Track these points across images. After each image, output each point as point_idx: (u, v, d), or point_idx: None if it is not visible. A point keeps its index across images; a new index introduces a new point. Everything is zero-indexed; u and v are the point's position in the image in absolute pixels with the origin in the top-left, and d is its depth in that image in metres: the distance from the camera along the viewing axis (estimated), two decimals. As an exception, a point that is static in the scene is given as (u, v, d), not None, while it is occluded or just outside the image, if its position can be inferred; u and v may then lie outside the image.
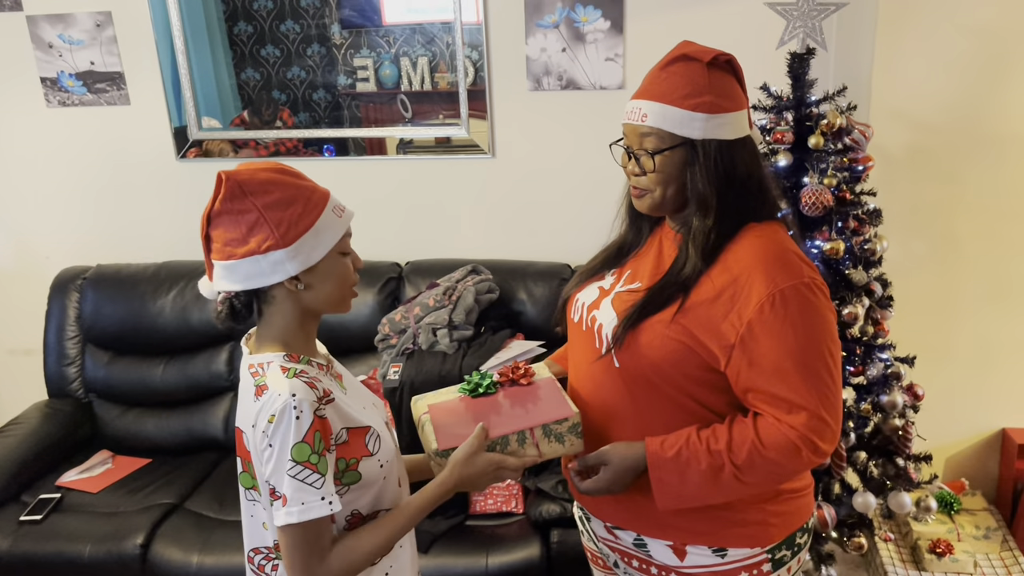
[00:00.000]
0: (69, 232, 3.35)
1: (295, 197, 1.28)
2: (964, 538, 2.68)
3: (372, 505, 1.38)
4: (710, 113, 1.38)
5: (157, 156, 3.21)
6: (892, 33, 2.48)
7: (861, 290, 2.24)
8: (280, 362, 1.30)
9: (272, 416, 1.23)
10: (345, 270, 1.35)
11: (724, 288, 1.36)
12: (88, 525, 2.58)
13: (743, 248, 1.38)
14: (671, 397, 1.43)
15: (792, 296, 1.33)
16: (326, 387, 1.30)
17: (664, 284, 1.42)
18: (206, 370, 3.04)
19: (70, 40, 3.09)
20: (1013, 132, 2.54)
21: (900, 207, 2.56)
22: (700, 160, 1.39)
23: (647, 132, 1.40)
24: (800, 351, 1.32)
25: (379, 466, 1.36)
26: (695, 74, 1.39)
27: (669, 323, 1.38)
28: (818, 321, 1.35)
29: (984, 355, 2.77)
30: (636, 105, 1.42)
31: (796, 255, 1.39)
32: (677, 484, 1.38)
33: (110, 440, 3.06)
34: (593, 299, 1.54)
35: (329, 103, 3.13)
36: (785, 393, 1.33)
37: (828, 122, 2.17)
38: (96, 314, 3.08)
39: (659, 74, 1.42)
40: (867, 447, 2.34)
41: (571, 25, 2.83)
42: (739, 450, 1.35)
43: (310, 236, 1.28)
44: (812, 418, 1.32)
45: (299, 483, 1.22)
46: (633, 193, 1.48)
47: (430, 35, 2.98)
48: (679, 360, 1.39)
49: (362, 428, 1.34)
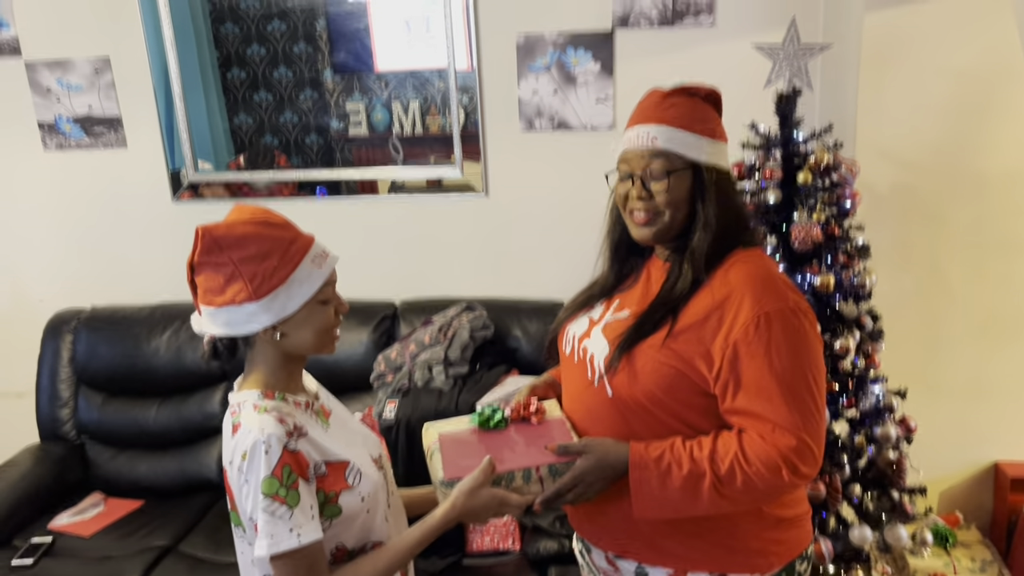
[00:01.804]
0: (64, 274, 3.35)
1: (271, 251, 1.31)
2: (960, 572, 2.68)
3: (358, 540, 1.39)
4: (712, 138, 1.45)
5: (153, 198, 3.24)
6: (874, 74, 2.55)
7: (852, 323, 2.27)
8: (254, 400, 1.34)
9: (244, 453, 1.27)
10: (323, 318, 1.36)
11: (712, 310, 1.39)
12: (80, 570, 2.54)
13: (731, 272, 1.42)
14: (665, 423, 1.44)
15: (777, 319, 1.36)
16: (297, 423, 1.33)
17: (657, 304, 1.45)
18: (200, 411, 3.03)
19: (68, 85, 3.13)
20: (994, 171, 2.60)
21: (888, 242, 2.61)
22: (706, 183, 1.44)
23: (657, 154, 1.43)
24: (784, 373, 1.35)
25: (360, 500, 1.37)
26: (697, 104, 1.47)
27: (660, 348, 1.40)
28: (803, 346, 1.37)
29: (975, 388, 2.79)
30: (643, 130, 1.45)
31: (783, 281, 1.43)
32: (657, 488, 1.38)
33: (102, 482, 3.03)
34: (583, 330, 1.56)
35: (321, 147, 3.17)
36: (768, 414, 1.35)
37: (815, 159, 2.22)
38: (90, 355, 3.07)
39: (662, 102, 1.47)
40: (862, 480, 2.35)
41: (562, 68, 2.90)
42: (722, 461, 1.36)
43: (284, 289, 1.31)
44: (794, 439, 1.34)
45: (268, 516, 1.25)
46: (638, 220, 1.47)
47: (423, 80, 3.04)
48: (671, 385, 1.41)
49: (341, 462, 1.36)
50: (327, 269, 1.35)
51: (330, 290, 1.37)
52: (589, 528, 1.61)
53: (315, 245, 1.36)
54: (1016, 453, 2.84)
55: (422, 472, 1.58)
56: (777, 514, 1.48)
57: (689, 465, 1.37)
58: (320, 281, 1.34)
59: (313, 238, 1.38)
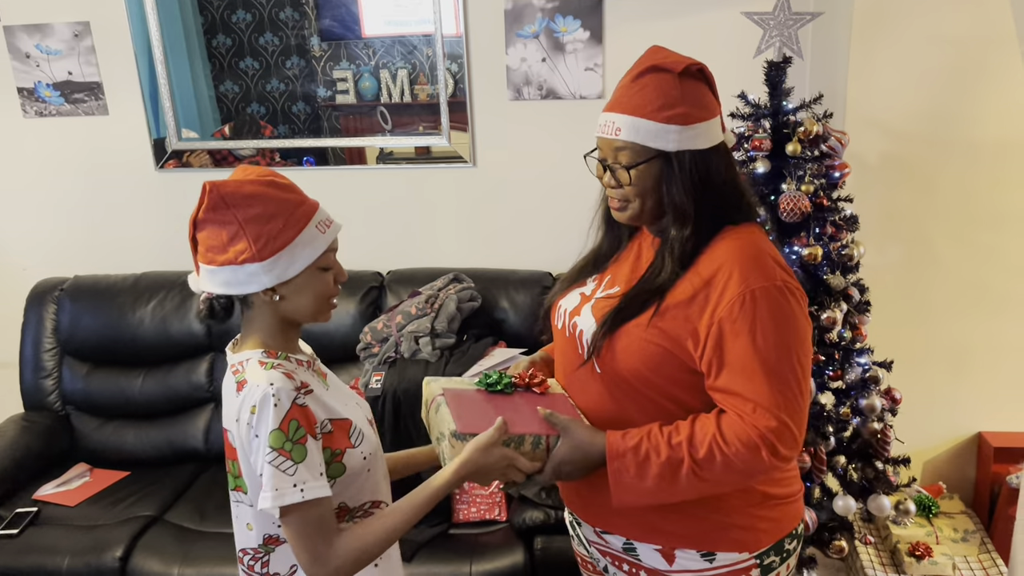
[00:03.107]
0: (46, 243, 3.32)
1: (277, 212, 1.30)
2: (943, 541, 2.71)
3: (358, 499, 1.40)
4: (684, 125, 1.37)
5: (136, 167, 3.20)
6: (866, 43, 2.53)
7: (839, 295, 2.27)
8: (258, 357, 1.34)
9: (253, 407, 1.27)
10: (323, 285, 1.36)
11: (699, 289, 1.37)
12: (66, 538, 2.54)
13: (719, 250, 1.39)
14: (654, 401, 1.43)
15: (763, 297, 1.33)
16: (303, 380, 1.33)
17: (639, 290, 1.43)
18: (186, 381, 3.02)
19: (48, 50, 3.08)
20: (984, 140, 2.59)
21: (876, 213, 2.60)
22: (675, 172, 1.39)
23: (621, 146, 1.40)
24: (768, 353, 1.32)
25: (362, 459, 1.39)
26: (667, 85, 1.38)
27: (646, 327, 1.38)
28: (789, 325, 1.34)
29: (960, 359, 2.81)
30: (609, 118, 1.42)
31: (772, 257, 1.39)
32: (635, 477, 1.36)
33: (88, 453, 3.03)
34: (575, 305, 1.55)
35: (308, 115, 3.13)
36: (750, 393, 1.32)
37: (805, 129, 2.20)
38: (74, 326, 3.05)
39: (630, 86, 1.41)
40: (846, 451, 2.36)
41: (551, 35, 2.86)
42: (700, 444, 1.33)
43: (287, 252, 1.30)
44: (774, 420, 1.31)
45: (273, 469, 1.25)
46: (612, 205, 1.48)
47: (410, 47, 2.99)
48: (659, 364, 1.39)
49: (344, 420, 1.37)
50: (330, 235, 1.35)
51: (331, 257, 1.37)
52: (578, 503, 1.61)
53: (320, 211, 1.36)
54: (999, 424, 2.86)
55: (407, 443, 1.58)
56: (766, 491, 1.47)
57: (667, 452, 1.34)
58: (323, 247, 1.33)
59: (318, 204, 1.37)
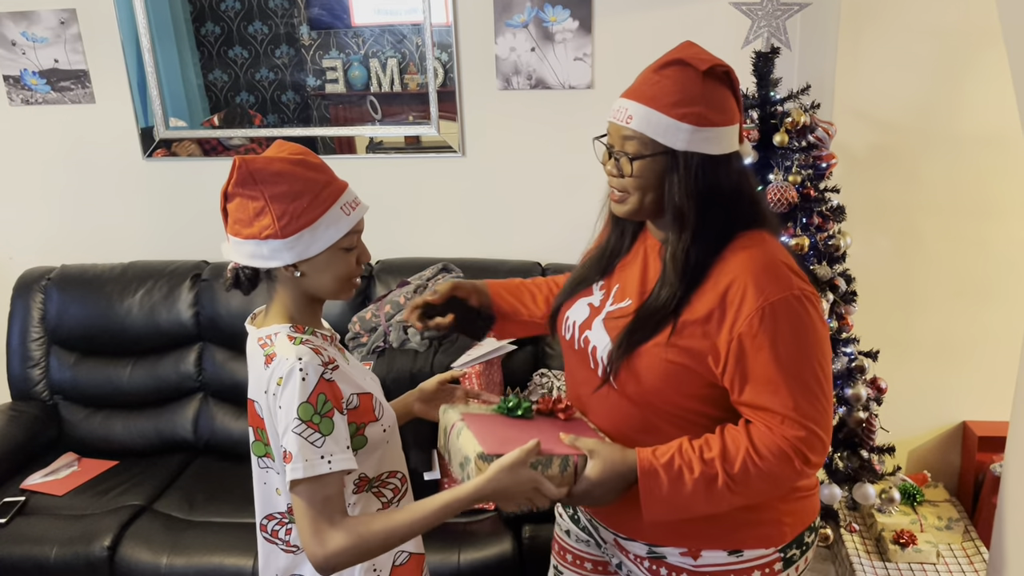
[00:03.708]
0: (33, 232, 3.30)
1: (303, 191, 1.32)
2: (927, 529, 2.73)
3: (377, 468, 1.45)
4: (697, 125, 1.33)
5: (123, 156, 3.18)
6: (854, 33, 2.53)
7: (826, 285, 2.28)
8: (287, 332, 1.37)
9: (280, 379, 1.30)
10: (344, 265, 1.38)
11: (715, 304, 1.33)
12: (54, 528, 2.54)
13: (731, 262, 1.35)
14: (676, 415, 1.41)
15: (782, 309, 1.31)
16: (331, 355, 1.36)
17: (652, 308, 1.39)
18: (175, 371, 3.02)
19: (33, 38, 3.06)
20: (970, 131, 2.60)
21: (863, 204, 2.61)
22: (680, 172, 1.34)
23: (630, 135, 1.36)
24: (790, 364, 1.31)
25: (382, 431, 1.43)
26: (689, 81, 1.34)
27: (665, 346, 1.35)
28: (809, 334, 1.32)
29: (945, 349, 2.83)
30: (623, 105, 1.37)
31: (786, 266, 1.36)
32: (668, 493, 1.34)
33: (76, 442, 3.02)
34: (584, 318, 1.51)
35: (298, 104, 3.12)
36: (777, 406, 1.31)
37: (792, 120, 2.21)
38: (61, 315, 3.04)
39: (651, 76, 1.37)
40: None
41: (540, 25, 2.86)
42: (734, 459, 1.32)
43: (309, 231, 1.32)
44: (803, 430, 1.31)
45: (302, 441, 1.27)
46: (612, 196, 1.44)
47: (399, 36, 2.98)
48: (680, 381, 1.37)
49: (367, 394, 1.41)
50: (355, 218, 1.36)
51: (355, 238, 1.38)
52: (600, 509, 1.56)
53: (347, 192, 1.38)
54: (984, 413, 2.88)
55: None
56: (793, 485, 1.44)
57: (701, 467, 1.32)
58: (346, 228, 1.35)
59: (346, 185, 1.39)
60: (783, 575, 1.50)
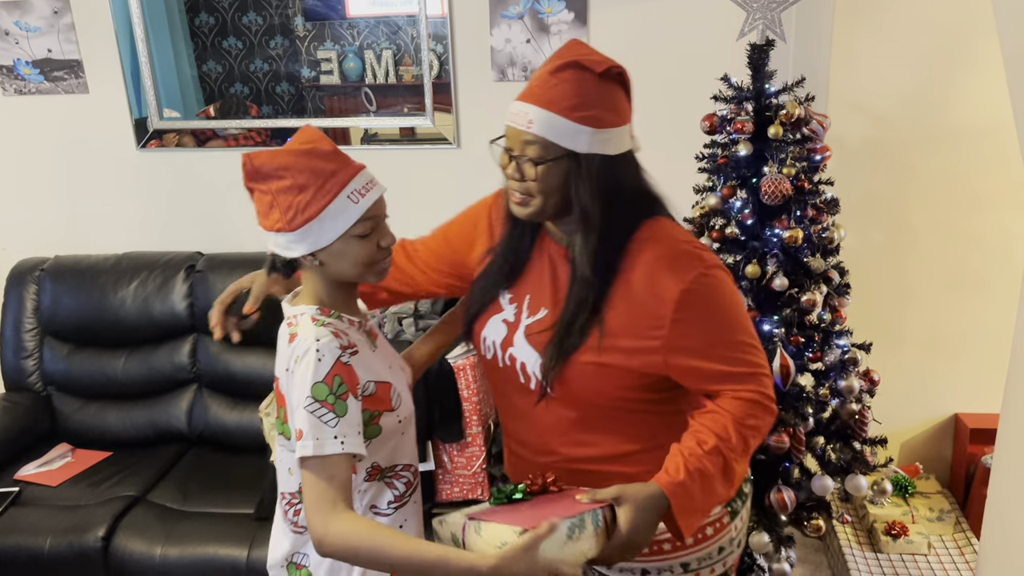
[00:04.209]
0: (26, 223, 3.29)
1: (306, 184, 1.32)
2: (918, 520, 2.75)
3: (389, 459, 1.46)
4: (596, 128, 1.34)
5: (117, 146, 3.17)
6: (849, 26, 2.53)
7: (819, 277, 2.28)
8: (312, 314, 1.39)
9: (297, 357, 1.33)
10: (361, 251, 1.36)
11: (635, 299, 1.37)
12: (48, 518, 2.54)
13: (640, 254, 1.39)
14: (616, 408, 1.45)
15: (701, 287, 1.37)
16: (352, 340, 1.38)
17: (572, 315, 1.40)
18: (169, 362, 3.02)
19: (27, 27, 3.04)
20: (965, 124, 2.61)
21: (857, 197, 2.62)
22: (583, 174, 1.36)
23: (531, 140, 1.35)
24: (725, 332, 1.39)
25: (397, 421, 1.44)
26: (586, 84, 1.35)
27: (598, 351, 1.38)
28: (728, 298, 1.41)
29: (938, 342, 2.84)
30: (522, 109, 1.36)
31: (689, 244, 1.42)
32: (701, 501, 1.35)
33: (70, 433, 3.02)
34: (503, 336, 1.50)
35: (292, 96, 3.11)
36: (731, 368, 1.39)
37: (787, 112, 2.21)
38: (55, 306, 3.04)
39: (548, 79, 1.36)
40: (825, 432, 2.39)
41: (535, 16, 2.85)
42: (729, 437, 1.36)
43: (316, 223, 1.32)
44: (757, 379, 1.40)
45: (315, 419, 1.29)
46: (512, 199, 1.42)
47: (395, 27, 2.98)
48: (617, 379, 1.41)
49: (386, 383, 1.42)
50: (363, 205, 1.34)
51: (369, 224, 1.36)
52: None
53: (356, 179, 1.35)
54: (976, 405, 2.90)
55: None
56: None
57: (712, 461, 1.34)
58: (354, 217, 1.34)
59: (358, 171, 1.37)
60: (731, 526, 1.56)
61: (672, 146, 2.89)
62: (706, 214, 2.37)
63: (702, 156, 2.39)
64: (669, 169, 2.82)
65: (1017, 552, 1.53)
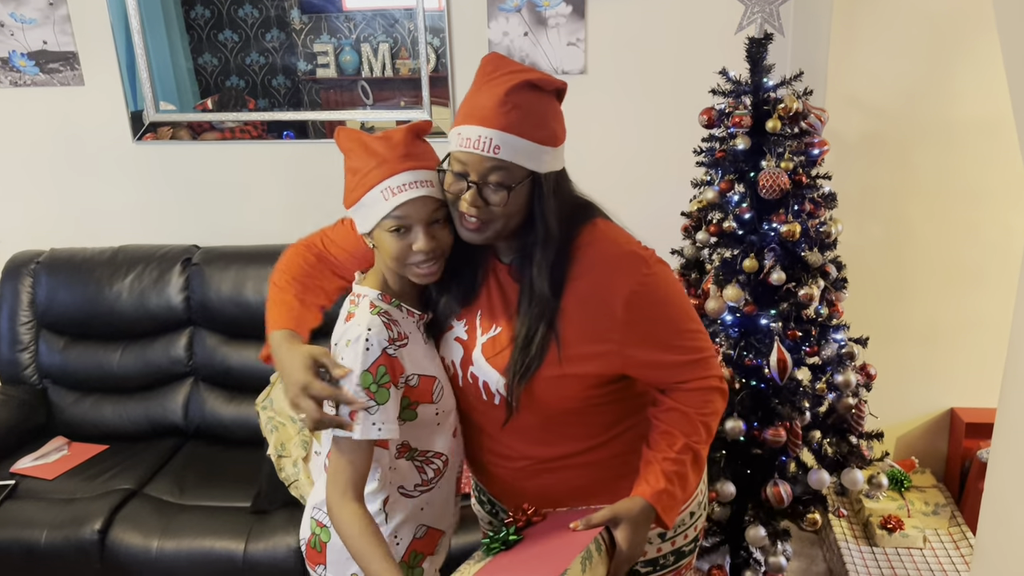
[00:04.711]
0: (22, 215, 3.28)
1: (356, 169, 1.39)
2: (914, 514, 2.76)
3: (422, 443, 1.49)
4: (553, 146, 1.36)
5: (112, 139, 3.16)
6: (847, 20, 2.53)
7: (816, 272, 2.29)
8: (372, 298, 1.43)
9: (348, 341, 1.38)
10: (394, 247, 1.38)
11: (586, 307, 1.39)
12: (44, 511, 2.54)
13: (583, 261, 1.40)
14: (578, 409, 1.48)
15: (646, 284, 1.39)
16: (403, 331, 1.42)
17: (531, 332, 1.40)
18: (165, 355, 3.01)
19: (22, 19, 3.03)
20: (962, 118, 2.61)
21: (854, 191, 2.62)
22: (545, 193, 1.37)
23: (497, 165, 1.32)
24: (677, 320, 1.44)
25: (435, 413, 1.48)
26: (541, 104, 1.35)
27: (558, 365, 1.40)
28: (673, 290, 1.45)
29: (934, 336, 2.84)
30: (485, 134, 1.31)
31: (628, 244, 1.44)
32: (680, 497, 1.44)
33: (66, 427, 3.02)
34: (461, 356, 1.49)
35: (289, 89, 3.10)
36: (685, 357, 1.44)
37: (785, 106, 2.20)
38: (51, 299, 3.03)
39: (503, 100, 1.31)
40: (822, 426, 2.39)
41: (533, 9, 2.84)
42: (696, 429, 1.44)
43: (356, 208, 1.40)
44: (708, 364, 1.46)
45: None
46: (468, 226, 1.37)
47: (392, 20, 2.97)
48: (579, 384, 1.44)
49: (431, 377, 1.46)
50: (392, 203, 1.35)
51: (397, 222, 1.37)
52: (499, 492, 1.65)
53: (397, 176, 1.36)
54: (971, 400, 2.90)
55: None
56: None
57: (684, 458, 1.43)
58: (382, 213, 1.36)
59: (405, 170, 1.36)
60: (698, 491, 1.62)
61: (670, 140, 2.90)
62: (704, 208, 2.37)
63: (700, 150, 2.39)
64: (667, 162, 2.85)
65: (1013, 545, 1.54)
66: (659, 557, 1.62)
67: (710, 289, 2.28)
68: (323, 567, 1.53)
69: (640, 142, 2.96)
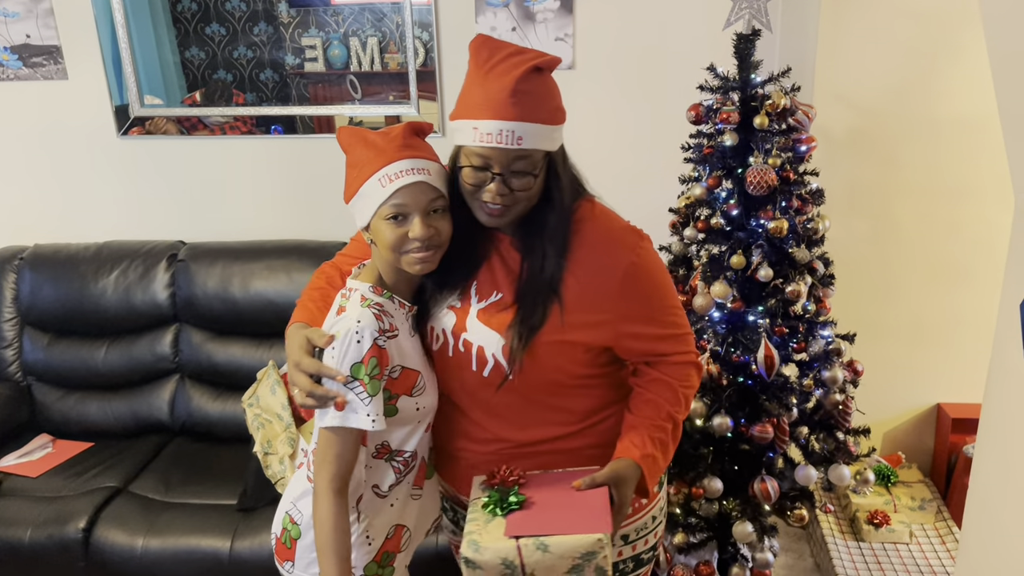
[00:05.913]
0: (5, 211, 3.25)
1: (356, 163, 1.41)
2: (900, 509, 2.77)
3: (401, 443, 1.51)
4: (560, 124, 1.42)
5: (97, 133, 3.13)
6: (835, 16, 2.53)
7: (804, 268, 2.29)
8: (364, 292, 1.45)
9: (338, 333, 1.39)
10: (390, 235, 1.39)
11: (585, 278, 1.44)
12: (28, 509, 2.52)
13: (583, 234, 1.46)
14: (567, 383, 1.52)
15: (641, 260, 1.46)
16: (394, 323, 1.44)
17: (533, 292, 1.43)
18: (150, 352, 2.99)
19: (4, 12, 2.99)
20: (949, 116, 2.62)
21: (841, 187, 2.63)
22: (558, 170, 1.44)
23: (523, 155, 1.36)
24: (664, 296, 1.51)
25: (415, 409, 1.48)
26: (547, 84, 1.38)
27: (560, 329, 1.44)
28: (661, 267, 1.52)
29: (921, 332, 2.86)
30: (504, 127, 1.33)
31: (619, 221, 1.52)
32: (663, 463, 1.51)
33: (50, 424, 3.00)
34: (453, 323, 1.49)
35: (276, 83, 3.08)
36: (670, 331, 1.52)
37: (772, 103, 2.20)
38: (34, 295, 3.00)
39: (516, 89, 1.33)
40: (808, 422, 2.39)
41: (521, 4, 2.83)
42: (678, 400, 1.52)
43: (354, 201, 1.42)
44: (686, 340, 1.54)
45: (351, 395, 1.37)
46: (489, 212, 1.41)
47: (380, 14, 2.95)
48: (573, 360, 1.50)
49: (414, 371, 1.47)
50: (389, 189, 1.37)
51: (395, 209, 1.38)
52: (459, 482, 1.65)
53: (394, 164, 1.38)
54: (957, 395, 2.92)
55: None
56: None
57: (667, 428, 1.51)
58: (380, 199, 1.38)
59: (401, 158, 1.39)
60: (659, 495, 1.67)
61: (658, 136, 2.90)
62: (691, 204, 2.36)
63: (688, 146, 2.39)
64: (655, 158, 2.84)
65: (998, 541, 1.54)
66: (619, 562, 1.64)
67: (698, 285, 2.28)
68: (291, 564, 1.56)
69: (628, 138, 2.96)
